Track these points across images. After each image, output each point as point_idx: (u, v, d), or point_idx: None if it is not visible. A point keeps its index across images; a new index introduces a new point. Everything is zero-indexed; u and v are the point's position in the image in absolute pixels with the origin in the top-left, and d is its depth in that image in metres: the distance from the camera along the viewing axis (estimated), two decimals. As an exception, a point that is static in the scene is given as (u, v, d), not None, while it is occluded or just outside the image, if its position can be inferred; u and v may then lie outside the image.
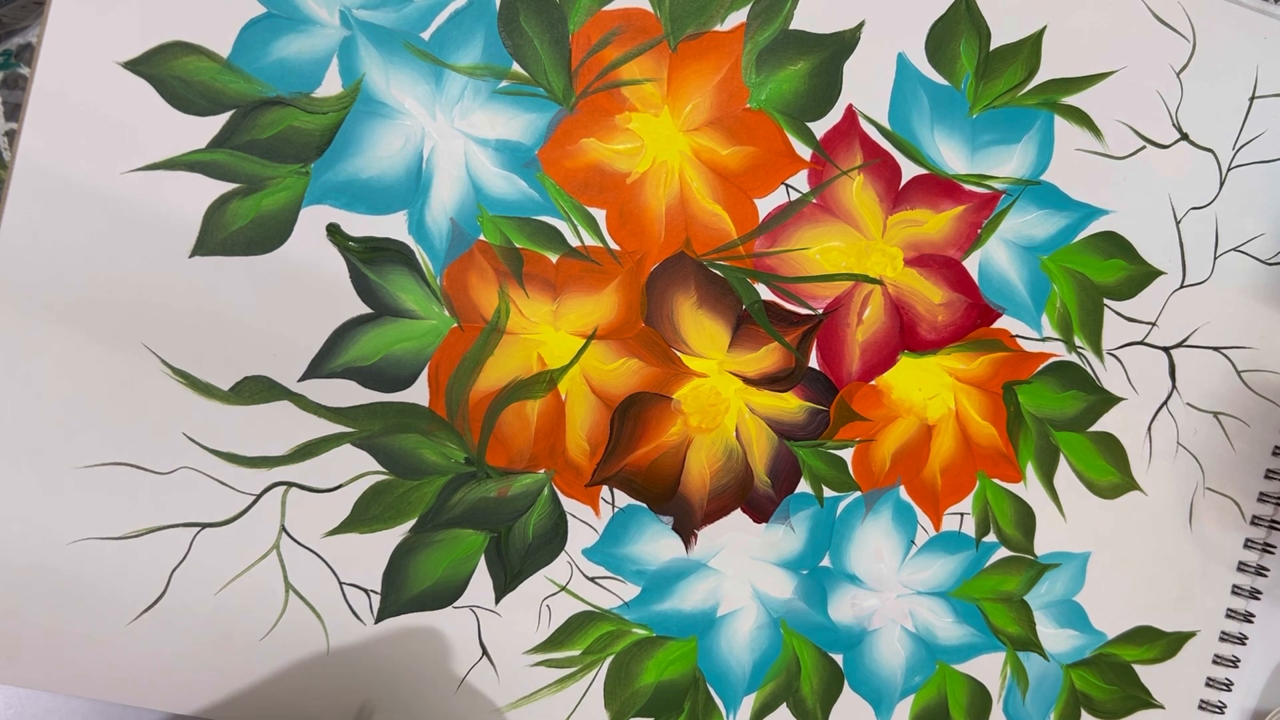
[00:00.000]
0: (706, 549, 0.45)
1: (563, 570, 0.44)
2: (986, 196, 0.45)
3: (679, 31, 0.42)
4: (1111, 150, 0.46)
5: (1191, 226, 0.47)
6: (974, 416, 0.47)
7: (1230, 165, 0.47)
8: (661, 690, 0.45)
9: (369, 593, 0.42)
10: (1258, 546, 0.50)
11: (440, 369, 0.42)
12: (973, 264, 0.46)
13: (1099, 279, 0.47)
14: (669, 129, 0.42)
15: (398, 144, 0.40)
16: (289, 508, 0.41)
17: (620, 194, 0.42)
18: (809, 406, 0.45)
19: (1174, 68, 0.46)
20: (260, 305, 0.40)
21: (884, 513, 0.46)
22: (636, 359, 0.43)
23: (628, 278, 0.43)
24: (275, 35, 0.39)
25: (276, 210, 0.40)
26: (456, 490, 0.42)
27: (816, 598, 0.46)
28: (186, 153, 0.39)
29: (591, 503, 0.44)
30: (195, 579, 0.41)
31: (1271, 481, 0.50)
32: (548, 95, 0.41)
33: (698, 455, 0.44)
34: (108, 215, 0.39)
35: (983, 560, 0.47)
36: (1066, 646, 0.49)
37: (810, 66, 0.43)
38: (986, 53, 0.44)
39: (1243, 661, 0.50)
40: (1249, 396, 0.49)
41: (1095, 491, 0.48)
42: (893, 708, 0.47)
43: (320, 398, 0.41)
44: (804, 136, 0.43)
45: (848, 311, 0.45)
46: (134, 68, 0.38)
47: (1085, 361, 0.47)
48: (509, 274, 0.42)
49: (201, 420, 0.40)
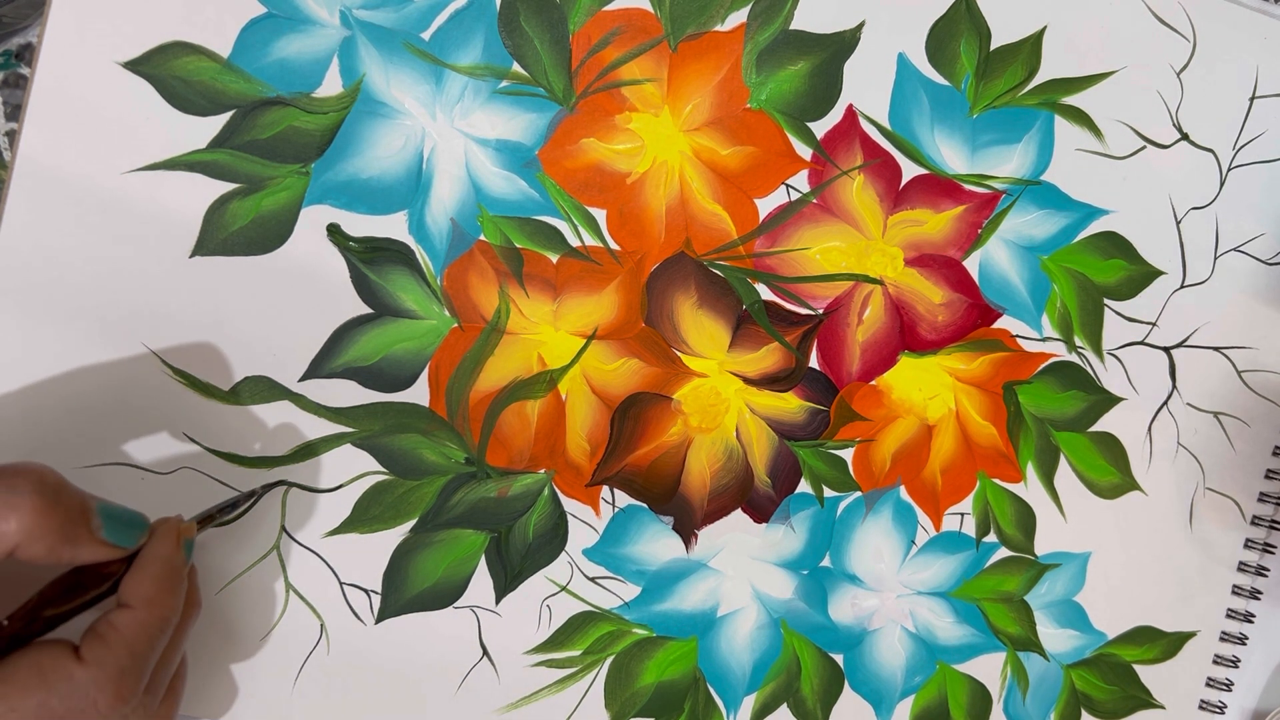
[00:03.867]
0: (707, 549, 0.45)
1: (563, 570, 0.44)
2: (987, 196, 0.45)
3: (679, 31, 0.42)
4: (1111, 150, 0.46)
5: (1191, 226, 0.47)
6: (974, 416, 0.47)
7: (1230, 165, 0.47)
8: (662, 690, 0.45)
9: (369, 593, 0.42)
10: (1258, 546, 0.50)
11: (440, 369, 0.42)
12: (973, 264, 0.46)
13: (1099, 279, 0.47)
14: (669, 129, 0.42)
15: (398, 144, 0.40)
16: (289, 508, 0.41)
17: (620, 194, 0.42)
18: (809, 406, 0.45)
19: (1174, 68, 0.46)
20: (260, 305, 0.40)
21: (884, 513, 0.46)
22: (637, 359, 0.43)
23: (628, 278, 0.43)
24: (275, 35, 0.39)
25: (276, 210, 0.40)
26: (457, 490, 0.42)
27: (817, 598, 0.46)
28: (186, 153, 0.39)
29: (592, 503, 0.44)
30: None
31: (1272, 481, 0.50)
32: (548, 95, 0.41)
33: (698, 455, 0.44)
34: (108, 215, 0.39)
35: (983, 560, 0.47)
36: (1067, 646, 0.49)
37: (810, 66, 0.43)
38: (987, 53, 0.44)
39: (1243, 661, 0.50)
40: (1249, 396, 0.49)
41: (1095, 491, 0.48)
42: (893, 708, 0.47)
43: (320, 398, 0.41)
44: (804, 136, 0.43)
45: (848, 311, 0.45)
46: (134, 68, 0.38)
47: (1085, 361, 0.47)
48: (509, 274, 0.42)
49: (201, 420, 0.40)
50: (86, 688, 0.30)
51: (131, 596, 0.32)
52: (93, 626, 0.31)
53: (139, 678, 0.31)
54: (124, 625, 0.31)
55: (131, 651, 0.31)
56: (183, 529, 0.34)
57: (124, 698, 0.31)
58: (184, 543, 0.34)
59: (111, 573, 0.33)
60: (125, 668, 0.31)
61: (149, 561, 0.33)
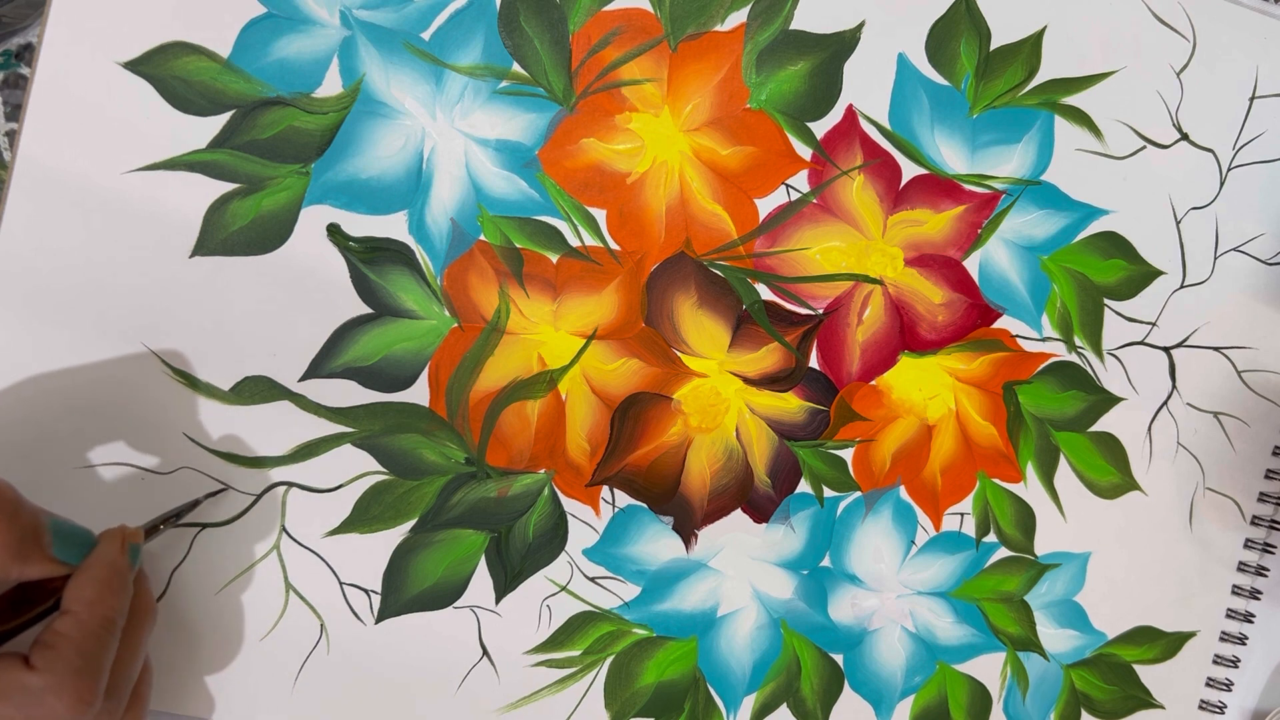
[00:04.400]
0: (706, 549, 0.45)
1: (563, 570, 0.44)
2: (986, 196, 0.45)
3: (679, 31, 0.42)
4: (1111, 150, 0.46)
5: (1191, 226, 0.47)
6: (974, 416, 0.47)
7: (1230, 165, 0.47)
8: (662, 690, 0.45)
9: (369, 593, 0.42)
10: (1258, 546, 0.50)
11: (440, 369, 0.42)
12: (973, 264, 0.46)
13: (1099, 279, 0.47)
14: (669, 129, 0.42)
15: (398, 144, 0.40)
16: (289, 508, 0.41)
17: (620, 194, 0.42)
18: (809, 406, 0.45)
19: (1174, 68, 0.46)
20: (260, 305, 0.40)
21: (884, 513, 0.46)
22: (636, 359, 0.43)
23: (628, 278, 0.43)
24: (275, 35, 0.39)
25: (276, 210, 0.40)
26: (457, 490, 0.42)
27: (817, 598, 0.46)
28: (186, 153, 0.39)
29: (592, 503, 0.44)
30: (195, 579, 0.41)
31: (1271, 481, 0.50)
32: (548, 95, 0.41)
33: (698, 455, 0.44)
34: (108, 215, 0.39)
35: (983, 560, 0.47)
36: (1066, 646, 0.49)
37: (810, 66, 0.43)
38: (986, 53, 0.44)
39: (1243, 661, 0.50)
40: (1249, 396, 0.49)
41: (1095, 491, 0.48)
42: (893, 708, 0.47)
43: (320, 398, 0.41)
44: (804, 136, 0.43)
45: (848, 311, 0.45)
46: (134, 68, 0.38)
47: (1085, 361, 0.47)
48: (509, 274, 0.42)
49: (201, 420, 0.40)
50: (42, 695, 0.29)
51: (73, 601, 0.32)
52: (38, 637, 0.31)
53: (95, 680, 0.31)
54: (68, 629, 0.31)
55: (80, 653, 0.30)
56: (128, 534, 0.34)
57: (85, 700, 0.30)
58: (130, 548, 0.34)
59: (56, 588, 0.33)
60: (79, 669, 0.30)
61: (90, 566, 0.32)
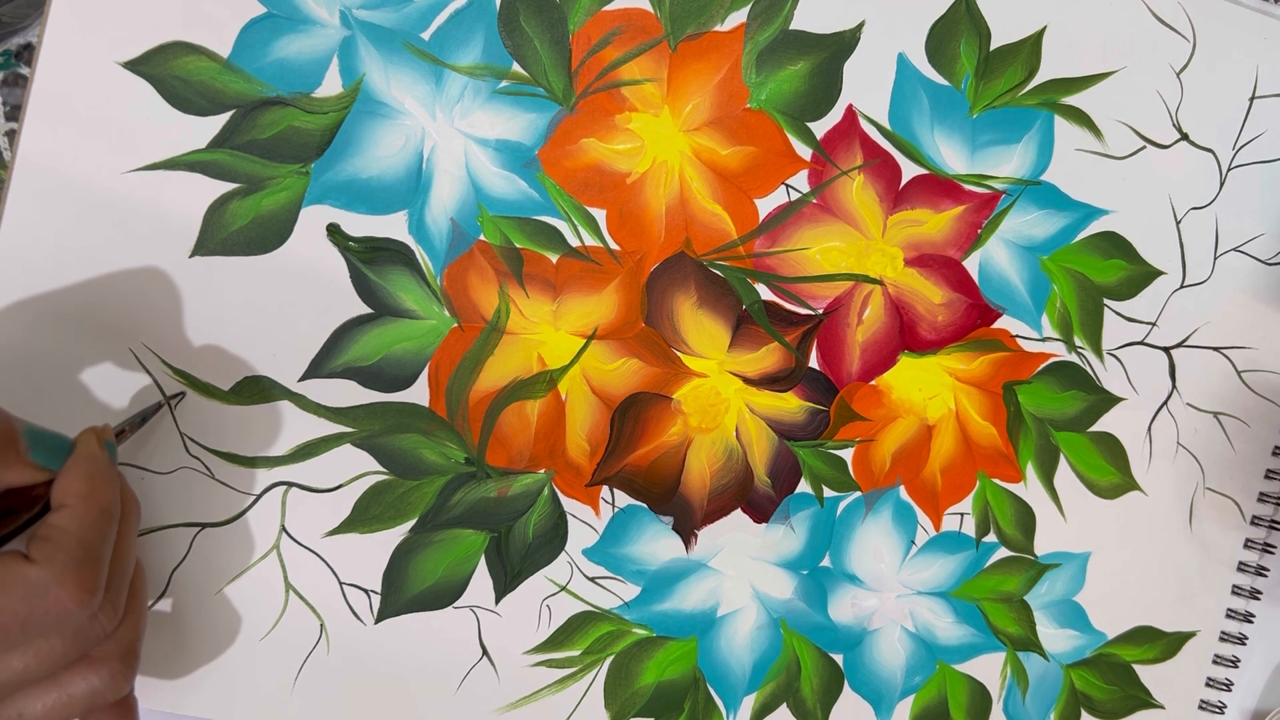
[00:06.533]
0: (706, 549, 0.45)
1: (563, 570, 0.44)
2: (986, 196, 0.45)
3: (679, 31, 0.42)
4: (1111, 150, 0.46)
5: (1191, 226, 0.47)
6: (974, 416, 0.47)
7: (1230, 165, 0.47)
8: (662, 690, 0.45)
9: (369, 593, 0.42)
10: (1258, 546, 0.50)
11: (440, 369, 0.42)
12: (973, 264, 0.46)
13: (1099, 279, 0.47)
14: (669, 129, 0.42)
15: (398, 144, 0.40)
16: (289, 508, 0.41)
17: (620, 194, 0.42)
18: (809, 406, 0.45)
19: (1174, 68, 0.46)
20: (260, 305, 0.40)
21: (884, 513, 0.46)
22: (636, 359, 0.43)
23: (628, 278, 0.43)
24: (275, 35, 0.39)
25: (276, 210, 0.40)
26: (456, 490, 0.42)
27: (816, 598, 0.46)
28: (186, 153, 0.39)
29: (591, 503, 0.44)
30: (195, 579, 0.41)
31: (1271, 481, 0.50)
32: (548, 95, 0.41)
33: (698, 455, 0.44)
34: (108, 215, 0.39)
35: (983, 560, 0.47)
36: (1066, 646, 0.49)
37: (810, 66, 0.43)
38: (986, 53, 0.44)
39: (1243, 661, 0.50)
40: (1249, 396, 0.49)
41: (1095, 491, 0.48)
42: (893, 708, 0.47)
43: (320, 398, 0.41)
44: (804, 136, 0.43)
45: (848, 311, 0.45)
46: (134, 68, 0.38)
47: (1085, 361, 0.47)
48: (509, 274, 0.42)
49: (201, 420, 0.40)
50: (46, 585, 0.29)
51: (66, 496, 0.31)
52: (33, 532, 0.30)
53: (96, 569, 0.30)
54: (65, 522, 0.30)
55: (80, 542, 0.30)
56: (100, 431, 0.34)
57: (89, 588, 0.29)
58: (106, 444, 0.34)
59: (39, 495, 0.32)
60: (79, 559, 0.30)
61: (76, 462, 0.32)
